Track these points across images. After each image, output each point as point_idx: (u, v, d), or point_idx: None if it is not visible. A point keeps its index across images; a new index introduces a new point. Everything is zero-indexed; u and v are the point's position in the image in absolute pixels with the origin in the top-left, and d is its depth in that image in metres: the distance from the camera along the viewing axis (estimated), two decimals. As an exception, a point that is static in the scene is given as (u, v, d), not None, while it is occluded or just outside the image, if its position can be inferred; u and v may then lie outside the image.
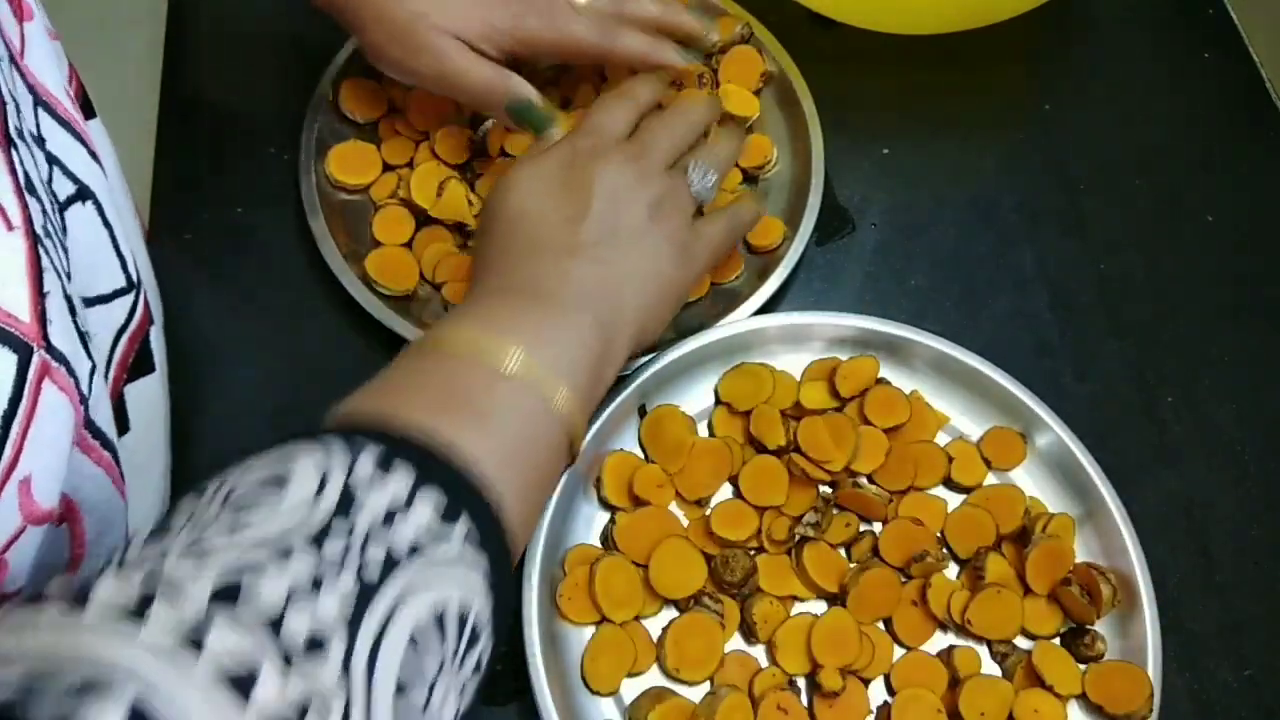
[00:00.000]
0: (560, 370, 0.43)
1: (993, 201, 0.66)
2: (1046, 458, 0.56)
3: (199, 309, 0.60)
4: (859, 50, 0.69)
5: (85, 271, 0.42)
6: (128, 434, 0.45)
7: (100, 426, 0.38)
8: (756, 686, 0.50)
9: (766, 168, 0.64)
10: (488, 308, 0.46)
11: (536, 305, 0.45)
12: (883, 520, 0.54)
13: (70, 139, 0.42)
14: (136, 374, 0.46)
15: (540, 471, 0.42)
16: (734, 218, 0.54)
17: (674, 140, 0.53)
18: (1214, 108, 0.70)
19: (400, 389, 0.41)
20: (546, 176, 0.49)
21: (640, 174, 0.50)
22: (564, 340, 0.44)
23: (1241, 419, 0.60)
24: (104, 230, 0.43)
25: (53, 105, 0.42)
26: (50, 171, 0.40)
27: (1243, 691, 0.53)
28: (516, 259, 0.48)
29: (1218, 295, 0.64)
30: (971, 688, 0.50)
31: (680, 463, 0.54)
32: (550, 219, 0.48)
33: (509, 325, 0.44)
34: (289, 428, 0.37)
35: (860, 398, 0.56)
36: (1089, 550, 0.54)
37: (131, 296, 0.45)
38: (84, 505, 0.38)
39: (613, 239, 0.48)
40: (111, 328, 0.44)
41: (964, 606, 0.51)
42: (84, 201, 0.42)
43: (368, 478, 0.34)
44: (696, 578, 0.51)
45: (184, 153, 0.65)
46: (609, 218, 0.48)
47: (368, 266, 0.58)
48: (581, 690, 0.50)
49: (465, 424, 0.39)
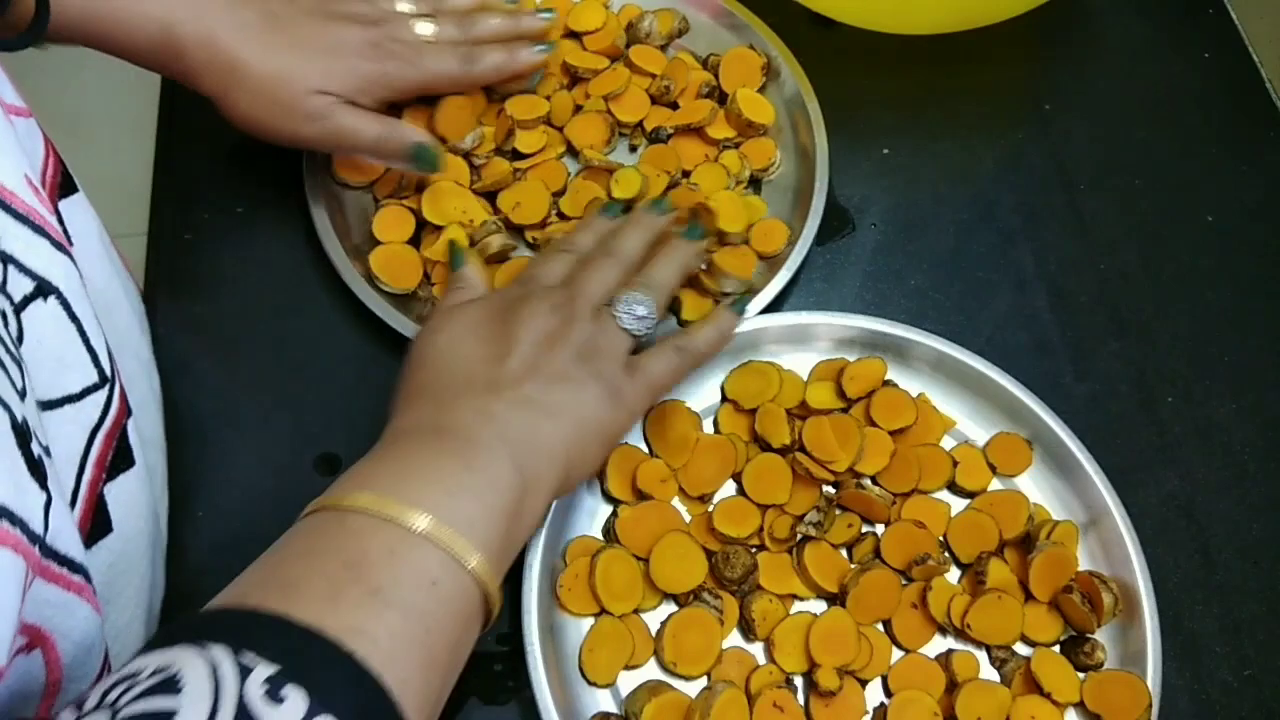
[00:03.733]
0: (474, 531, 0.41)
1: (993, 201, 0.66)
2: (1052, 465, 0.56)
3: (199, 309, 0.60)
4: (859, 50, 0.69)
5: (51, 371, 0.41)
6: (110, 535, 0.45)
7: (65, 553, 0.37)
8: (753, 683, 0.50)
9: (770, 170, 0.64)
10: (398, 461, 0.44)
11: (451, 453, 0.43)
12: (885, 522, 0.54)
13: (29, 233, 0.40)
14: (116, 471, 0.45)
15: (449, 643, 0.40)
16: (682, 352, 0.51)
17: (604, 281, 0.51)
18: (1214, 108, 0.70)
19: (294, 574, 0.38)
20: (473, 322, 0.49)
21: (566, 318, 0.49)
22: (477, 492, 0.42)
23: (1241, 419, 0.60)
24: (71, 325, 0.42)
25: (8, 201, 0.40)
26: (4, 272, 0.38)
27: (1243, 691, 0.53)
28: (437, 396, 0.46)
29: (1218, 295, 0.64)
30: (969, 692, 0.50)
31: (684, 458, 0.54)
32: (475, 360, 0.47)
33: (418, 483, 0.42)
34: (176, 621, 0.35)
35: (867, 399, 0.56)
36: (1092, 559, 0.54)
37: (105, 392, 0.44)
38: (56, 631, 0.37)
39: (537, 379, 0.46)
40: (85, 426, 0.43)
41: (964, 611, 0.51)
42: (45, 298, 0.40)
43: (260, 698, 0.33)
44: (697, 573, 0.52)
45: (184, 152, 0.65)
46: (534, 359, 0.47)
47: (371, 264, 0.58)
48: (579, 681, 0.50)
49: (363, 612, 0.37)
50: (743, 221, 0.60)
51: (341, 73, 0.56)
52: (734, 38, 0.67)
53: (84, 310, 0.43)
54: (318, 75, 0.55)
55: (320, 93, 0.55)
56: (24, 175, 0.41)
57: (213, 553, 0.53)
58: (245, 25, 0.55)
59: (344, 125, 0.56)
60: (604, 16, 0.67)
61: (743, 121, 0.63)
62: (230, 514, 0.55)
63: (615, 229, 0.55)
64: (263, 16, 0.55)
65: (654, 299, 0.51)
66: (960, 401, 0.58)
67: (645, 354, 0.51)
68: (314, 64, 0.55)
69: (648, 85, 0.65)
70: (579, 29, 0.66)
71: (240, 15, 0.55)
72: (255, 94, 0.55)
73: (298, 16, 0.56)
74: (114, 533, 0.45)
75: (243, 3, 0.55)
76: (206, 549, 0.54)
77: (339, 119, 0.56)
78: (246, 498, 0.55)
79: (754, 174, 0.63)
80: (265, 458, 0.56)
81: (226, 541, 0.54)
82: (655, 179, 0.61)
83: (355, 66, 0.56)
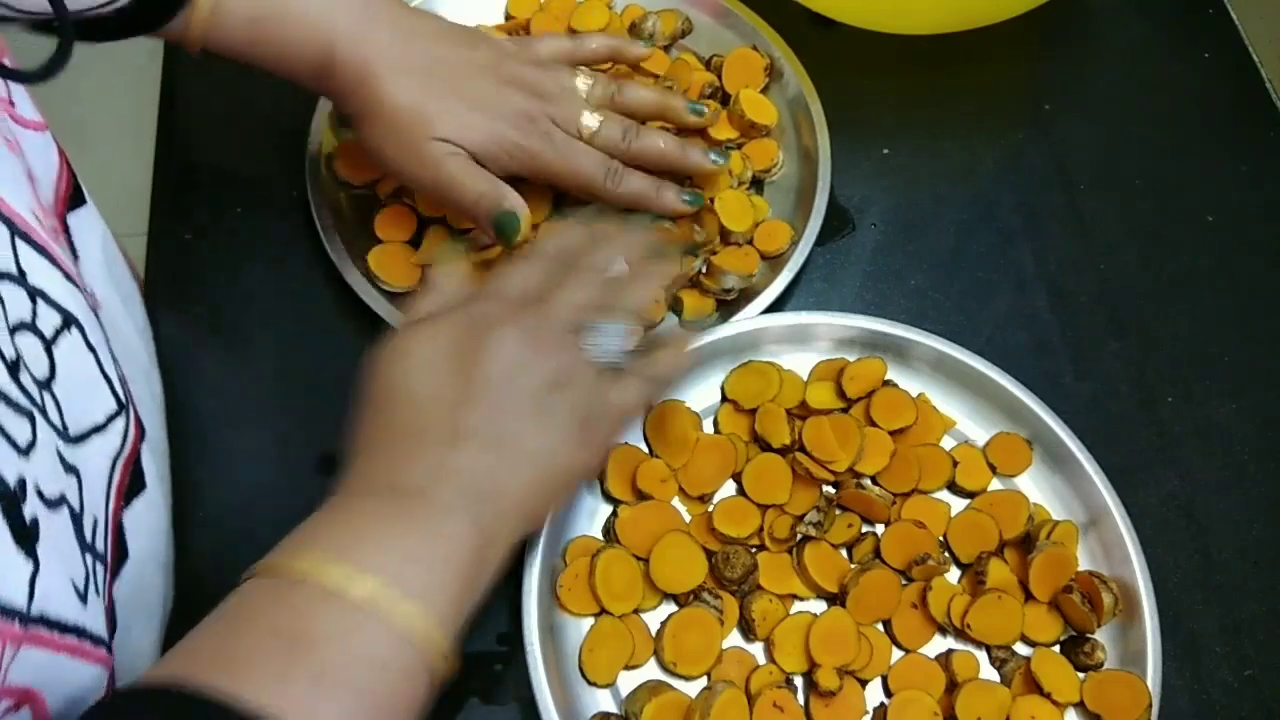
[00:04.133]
0: (428, 598, 0.40)
1: (993, 201, 0.66)
2: (1052, 465, 0.56)
3: (199, 309, 0.60)
4: (859, 50, 0.69)
5: (80, 403, 0.40)
6: (127, 562, 0.45)
7: (56, 617, 0.36)
8: (753, 683, 0.50)
9: (772, 170, 0.64)
10: (353, 522, 0.42)
11: (407, 517, 0.42)
12: (885, 522, 0.54)
13: (49, 265, 0.40)
14: (131, 497, 0.45)
15: (398, 715, 0.39)
16: (648, 381, 0.49)
17: (581, 300, 0.49)
18: (1214, 108, 0.70)
19: (242, 649, 0.37)
20: (438, 348, 0.46)
21: (536, 346, 0.46)
22: (434, 558, 0.41)
23: (1241, 419, 0.60)
24: (90, 355, 0.42)
25: (30, 234, 0.39)
26: (34, 308, 0.38)
27: (1243, 691, 0.53)
28: (395, 446, 0.44)
29: (1218, 295, 0.64)
30: (969, 692, 0.50)
31: (684, 458, 0.54)
32: (434, 403, 0.45)
33: (371, 548, 0.40)
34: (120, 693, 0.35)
35: (867, 399, 0.56)
36: (1092, 559, 0.54)
37: (123, 418, 0.44)
38: (45, 687, 0.36)
39: (500, 422, 0.44)
40: (109, 455, 0.43)
41: (964, 611, 0.51)
42: (69, 329, 0.40)
43: None
44: (697, 573, 0.52)
45: (184, 153, 0.65)
46: (497, 399, 0.45)
47: (371, 263, 0.58)
48: (579, 681, 0.50)
49: (313, 694, 0.36)
50: (748, 221, 0.60)
51: (481, 130, 0.54)
52: (737, 38, 0.67)
53: (98, 339, 0.43)
54: (452, 124, 0.53)
55: (447, 141, 0.53)
56: (32, 205, 0.41)
57: (214, 553, 0.53)
58: (403, 62, 0.53)
59: (453, 176, 0.53)
60: (607, 17, 0.67)
61: (745, 122, 0.63)
62: (231, 514, 0.55)
63: (598, 237, 0.52)
64: (426, 59, 0.54)
65: (629, 326, 0.49)
66: (960, 401, 0.58)
67: (618, 383, 0.48)
68: (456, 115, 0.53)
69: (651, 86, 0.64)
70: (582, 29, 0.66)
71: (403, 51, 0.53)
72: (387, 127, 0.53)
73: (465, 69, 0.55)
74: (130, 559, 0.45)
75: (413, 38, 0.54)
76: (208, 549, 0.54)
77: (450, 168, 0.53)
78: (247, 497, 0.55)
79: (756, 175, 0.63)
80: (266, 457, 0.56)
81: (228, 542, 0.54)
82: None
83: (498, 131, 0.54)
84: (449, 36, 0.56)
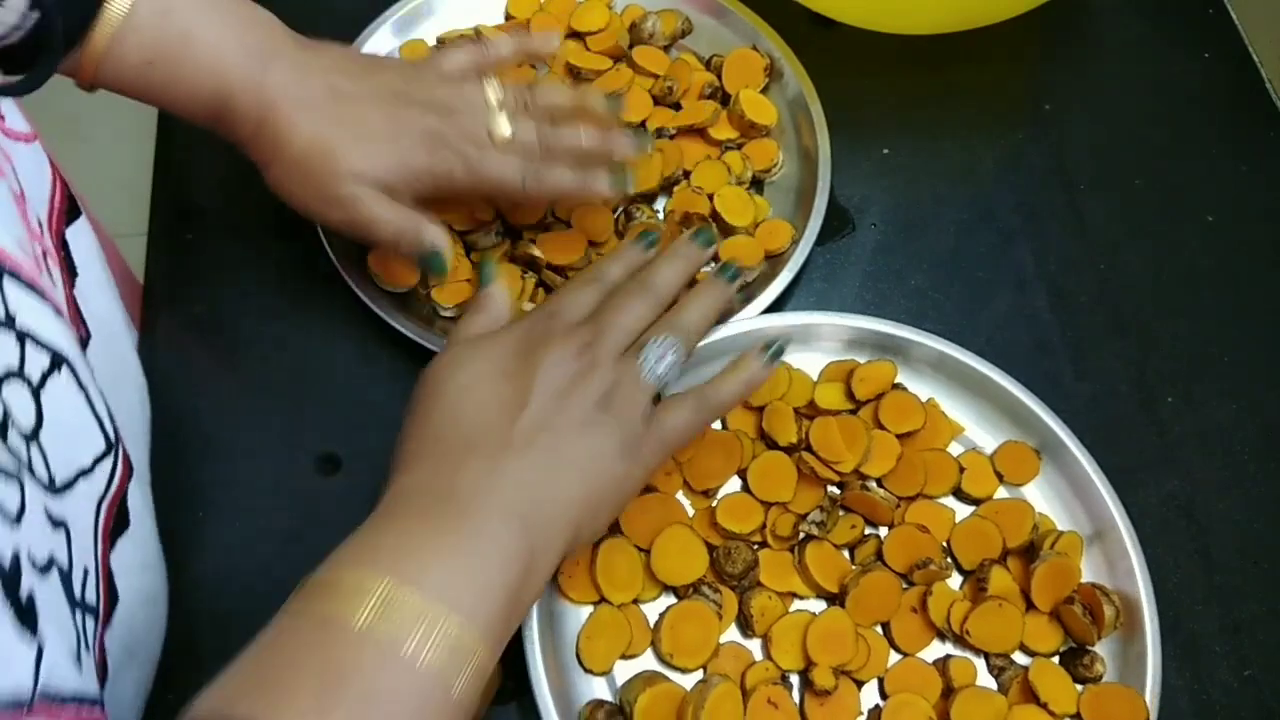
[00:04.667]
0: (475, 616, 0.39)
1: (993, 201, 0.66)
2: (1059, 475, 0.56)
3: (199, 309, 0.60)
4: (859, 50, 0.69)
5: (66, 449, 0.40)
6: (117, 606, 0.44)
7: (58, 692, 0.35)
8: (748, 679, 0.50)
9: (772, 171, 0.64)
10: (401, 534, 0.41)
11: (455, 530, 0.42)
12: (889, 525, 0.54)
13: (37, 301, 0.39)
14: (115, 537, 0.45)
15: None
16: (702, 405, 0.49)
17: (632, 322, 0.49)
18: (1214, 108, 0.70)
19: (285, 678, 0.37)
20: (492, 361, 0.47)
21: (588, 365, 0.47)
22: (482, 574, 0.41)
23: (1241, 419, 0.60)
24: (80, 394, 0.41)
25: (15, 270, 0.38)
26: (22, 353, 0.37)
27: (1243, 691, 0.53)
28: (446, 454, 0.44)
29: (1218, 295, 0.64)
30: (965, 698, 0.50)
31: (690, 452, 0.54)
32: (487, 412, 0.45)
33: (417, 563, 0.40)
34: None
35: (875, 401, 0.56)
36: (1095, 571, 0.54)
37: (111, 458, 0.43)
38: None
39: (551, 434, 0.45)
40: (94, 499, 0.42)
41: (964, 617, 0.51)
42: (58, 369, 0.39)
43: None
44: (697, 566, 0.52)
45: (184, 152, 0.65)
46: (549, 412, 0.45)
47: (370, 263, 0.58)
48: (575, 668, 0.51)
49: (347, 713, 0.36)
50: (748, 216, 0.60)
51: (387, 160, 0.52)
52: (737, 38, 0.67)
53: (87, 377, 0.42)
54: (360, 158, 0.51)
55: (355, 177, 0.51)
56: (21, 236, 0.40)
57: (213, 554, 0.53)
58: (303, 97, 0.51)
59: (365, 216, 0.52)
60: (607, 17, 0.67)
61: (745, 123, 0.63)
62: (231, 514, 0.55)
63: (649, 261, 0.53)
64: (326, 93, 0.52)
65: (683, 345, 0.49)
66: (968, 407, 0.57)
67: (664, 406, 0.49)
68: (360, 146, 0.52)
69: (650, 86, 0.65)
70: (582, 29, 0.66)
71: (301, 88, 0.51)
72: (292, 167, 0.52)
73: (368, 95, 0.53)
74: (120, 602, 0.44)
75: (311, 72, 0.52)
76: (207, 550, 0.53)
77: (361, 210, 0.52)
78: (247, 497, 0.55)
79: (756, 175, 0.63)
80: (265, 458, 0.56)
81: (227, 542, 0.54)
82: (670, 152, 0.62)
83: (404, 158, 0.52)
84: (349, 67, 0.54)
